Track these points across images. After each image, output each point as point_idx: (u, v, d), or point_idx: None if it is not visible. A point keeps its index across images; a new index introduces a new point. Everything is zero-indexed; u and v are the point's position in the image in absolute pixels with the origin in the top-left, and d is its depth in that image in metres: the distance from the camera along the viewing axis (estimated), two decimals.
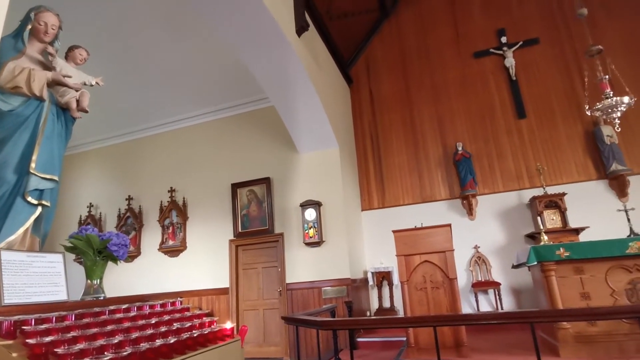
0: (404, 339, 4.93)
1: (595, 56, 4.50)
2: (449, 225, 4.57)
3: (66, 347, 1.59)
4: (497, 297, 6.64)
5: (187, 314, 2.36)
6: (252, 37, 5.04)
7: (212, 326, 2.28)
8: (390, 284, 7.20)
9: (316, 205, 6.67)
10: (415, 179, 7.83)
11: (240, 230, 7.26)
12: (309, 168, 7.03)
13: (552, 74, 7.45)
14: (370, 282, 7.32)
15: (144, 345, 1.78)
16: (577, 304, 3.97)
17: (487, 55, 7.91)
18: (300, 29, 5.72)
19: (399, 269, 4.64)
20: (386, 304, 7.27)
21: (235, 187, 7.47)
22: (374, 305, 7.42)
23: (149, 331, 1.92)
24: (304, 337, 6.27)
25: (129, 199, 8.23)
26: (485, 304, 6.88)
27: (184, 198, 7.83)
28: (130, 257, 7.78)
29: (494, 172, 7.38)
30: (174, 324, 2.08)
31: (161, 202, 7.95)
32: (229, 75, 7.16)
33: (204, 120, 8.16)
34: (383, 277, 7.30)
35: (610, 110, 4.29)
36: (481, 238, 7.13)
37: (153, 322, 2.03)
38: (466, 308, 6.89)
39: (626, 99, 4.26)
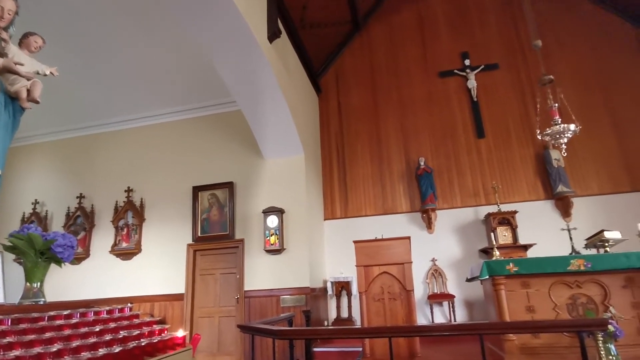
0: (360, 349, 4.95)
1: (547, 85, 4.82)
2: (409, 237, 4.68)
3: (1, 354, 1.47)
4: (451, 309, 6.85)
5: (136, 321, 2.24)
6: (223, 39, 4.97)
7: (162, 334, 2.18)
8: (349, 294, 7.23)
9: (279, 212, 6.61)
10: (378, 190, 7.98)
11: (199, 235, 7.06)
12: (274, 174, 6.98)
13: (509, 98, 7.90)
14: (330, 292, 7.32)
15: (85, 355, 1.67)
16: (523, 317, 4.17)
17: (451, 75, 8.26)
18: (273, 35, 5.71)
19: (358, 279, 4.69)
20: (344, 314, 7.29)
21: (197, 190, 7.27)
22: (332, 315, 7.42)
23: (92, 340, 1.80)
24: (260, 347, 6.15)
25: (80, 197, 7.78)
26: (440, 316, 7.07)
27: (141, 199, 7.51)
28: (78, 260, 7.33)
29: (453, 188, 7.66)
30: (121, 332, 1.97)
31: (116, 202, 7.58)
32: (195, 76, 7.01)
33: (167, 119, 7.91)
34: (342, 287, 7.32)
35: (558, 136, 4.61)
36: (438, 251, 7.35)
37: (97, 329, 1.91)
38: (421, 319, 7.06)
39: (572, 127, 4.60)
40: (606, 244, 4.55)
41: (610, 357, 3.56)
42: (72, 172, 8.13)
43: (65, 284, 7.07)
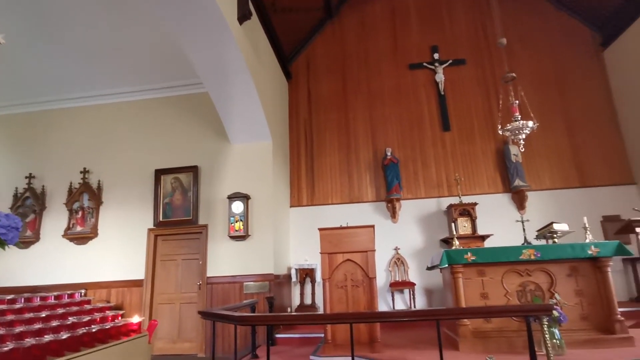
0: (322, 335, 5.02)
1: (509, 82, 5.00)
2: (373, 226, 4.74)
3: None
4: (412, 296, 7.07)
5: (87, 307, 2.14)
6: (191, 18, 4.76)
7: (115, 321, 2.09)
8: (313, 281, 7.31)
9: (244, 198, 6.52)
10: (345, 179, 8.05)
11: (161, 219, 6.84)
12: (240, 159, 6.85)
13: (474, 94, 8.14)
14: (294, 279, 7.36)
15: (29, 341, 1.57)
16: (477, 303, 4.37)
17: (420, 68, 8.39)
18: (243, 16, 5.54)
19: (322, 266, 4.71)
20: (307, 300, 7.37)
21: (160, 173, 7.02)
22: (296, 301, 7.47)
23: (37, 325, 1.70)
24: (222, 333, 6.11)
25: (30, 177, 7.30)
26: (400, 303, 7.29)
27: (99, 181, 7.16)
28: (26, 243, 6.91)
29: (417, 179, 7.85)
30: (70, 318, 1.87)
31: (71, 183, 7.18)
32: (161, 54, 6.70)
33: (128, 99, 7.54)
34: (306, 274, 7.38)
35: (517, 132, 4.81)
36: (401, 240, 7.54)
37: (43, 315, 1.80)
38: (383, 306, 7.25)
39: (530, 123, 4.81)
40: (555, 235, 4.83)
41: (554, 340, 3.81)
42: (21, 150, 7.60)
43: (12, 268, 6.66)
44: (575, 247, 4.30)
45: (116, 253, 6.78)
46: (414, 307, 7.03)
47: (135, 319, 2.10)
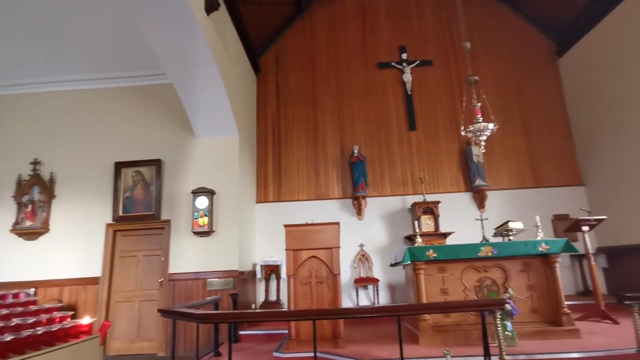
0: (286, 331, 5.02)
1: (473, 85, 5.18)
2: (338, 223, 4.78)
3: None
4: (375, 292, 7.20)
5: (33, 307, 2.01)
6: (155, 6, 4.56)
7: (63, 322, 1.98)
8: (278, 278, 7.28)
9: (209, 193, 6.38)
10: (312, 176, 8.05)
11: (121, 214, 6.57)
12: (205, 154, 6.69)
13: (440, 94, 8.36)
14: (259, 275, 7.30)
15: None
16: (438, 299, 4.52)
17: (389, 67, 8.51)
18: (210, 7, 5.40)
19: (286, 263, 4.70)
20: (272, 297, 7.33)
21: (120, 166, 6.73)
22: (261, 298, 7.42)
23: None
24: (183, 331, 5.97)
25: None
26: (364, 299, 7.41)
27: (51, 173, 6.76)
28: None
29: (383, 177, 7.99)
30: (13, 320, 1.75)
31: (19, 175, 6.74)
32: (122, 42, 6.38)
33: (86, 87, 7.16)
34: (272, 271, 7.34)
35: (478, 133, 4.99)
36: (367, 237, 7.65)
37: None
38: (347, 302, 7.34)
39: (491, 126, 5.01)
40: (510, 233, 5.07)
41: (507, 332, 4.01)
42: None
43: None
44: (528, 245, 4.53)
45: (70, 249, 6.44)
46: (378, 303, 7.17)
47: (86, 320, 1.99)
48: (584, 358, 3.63)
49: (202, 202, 6.35)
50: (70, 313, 1.95)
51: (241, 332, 5.73)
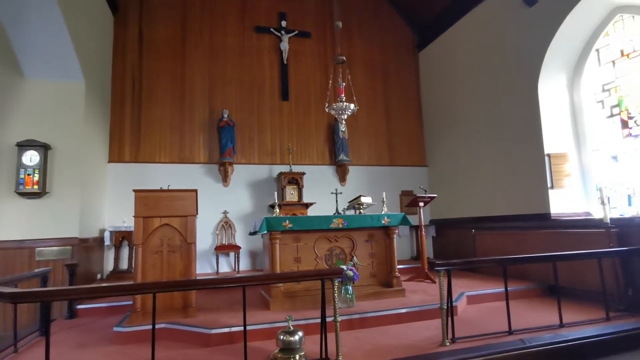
0: (131, 302, 4.67)
1: (340, 65, 5.40)
2: (196, 190, 4.56)
3: None
4: (237, 259, 7.23)
5: None
6: None
7: None
8: (131, 245, 6.69)
9: (42, 147, 5.35)
10: (177, 137, 7.48)
11: None
12: (38, 100, 5.53)
13: (314, 68, 8.53)
14: (107, 242, 6.59)
15: None
16: (291, 267, 4.76)
17: (267, 32, 8.26)
18: None
19: (135, 231, 4.32)
20: (124, 265, 6.75)
21: None
22: (109, 266, 6.76)
23: None
24: (3, 308, 5.04)
25: None
26: (225, 265, 7.38)
27: None
28: None
29: (252, 145, 7.89)
30: None
31: None
32: None
33: None
34: (123, 237, 6.71)
35: (340, 112, 5.28)
36: (231, 204, 7.54)
37: None
38: (207, 269, 7.22)
39: (352, 106, 5.34)
40: (361, 207, 5.60)
41: (348, 295, 4.48)
42: None
43: None
44: (373, 218, 5.08)
45: None
46: (238, 269, 7.23)
47: None
48: (404, 313, 4.30)
49: (31, 157, 5.30)
50: None
51: (79, 307, 5.14)
